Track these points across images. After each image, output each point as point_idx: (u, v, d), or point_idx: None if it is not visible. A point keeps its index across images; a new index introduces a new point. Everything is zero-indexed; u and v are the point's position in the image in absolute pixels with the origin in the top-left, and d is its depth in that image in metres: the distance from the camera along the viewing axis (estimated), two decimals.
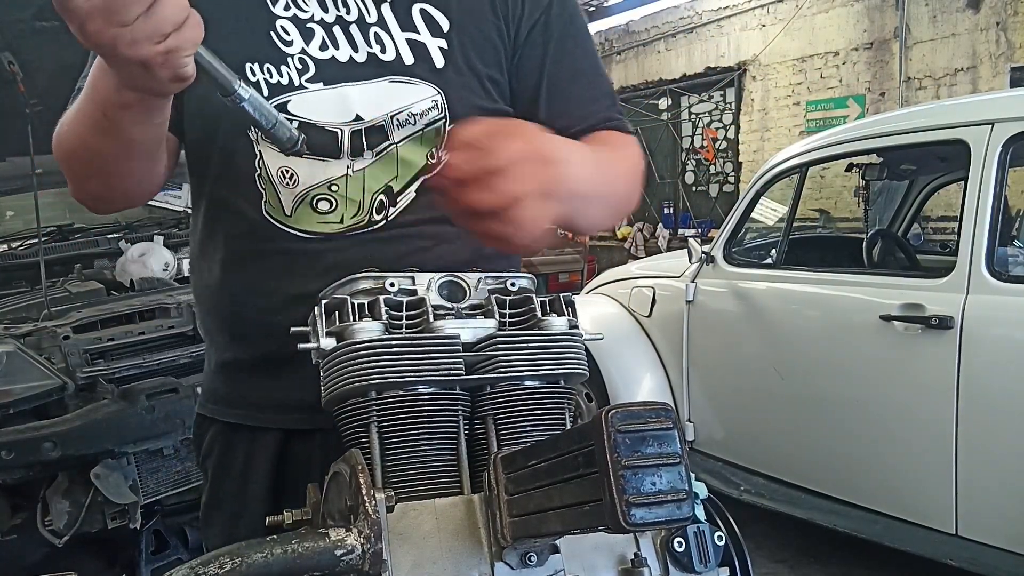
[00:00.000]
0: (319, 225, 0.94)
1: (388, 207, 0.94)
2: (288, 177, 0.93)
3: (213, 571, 0.59)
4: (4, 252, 3.24)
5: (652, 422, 0.53)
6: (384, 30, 0.92)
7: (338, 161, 0.93)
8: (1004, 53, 6.87)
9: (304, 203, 0.93)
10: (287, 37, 0.91)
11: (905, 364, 2.50)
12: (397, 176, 0.94)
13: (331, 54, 0.92)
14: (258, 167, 0.94)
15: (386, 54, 0.92)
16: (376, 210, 0.94)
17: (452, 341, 0.76)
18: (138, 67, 0.71)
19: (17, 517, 2.37)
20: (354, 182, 0.93)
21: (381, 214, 0.94)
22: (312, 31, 0.92)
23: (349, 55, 0.92)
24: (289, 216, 0.94)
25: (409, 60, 0.92)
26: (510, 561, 0.67)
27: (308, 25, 0.92)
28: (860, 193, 5.32)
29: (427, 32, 0.93)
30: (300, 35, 0.92)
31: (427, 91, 0.93)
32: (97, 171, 0.90)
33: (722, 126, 9.78)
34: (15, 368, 2.22)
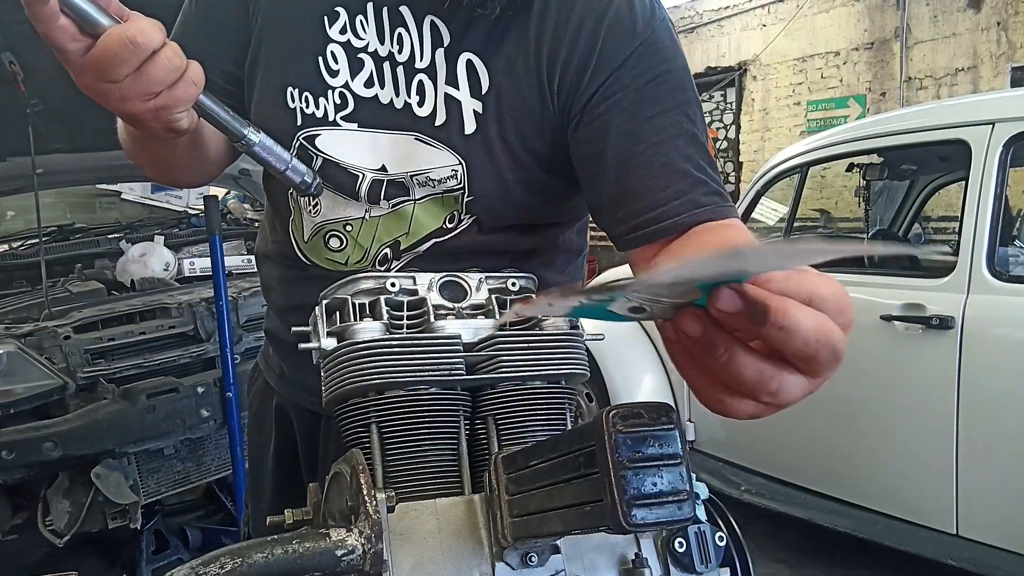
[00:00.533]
0: (327, 261, 0.97)
1: (391, 260, 0.94)
2: (312, 205, 0.95)
3: (214, 571, 0.59)
4: (5, 252, 3.24)
5: (653, 422, 0.53)
6: (430, 79, 0.87)
7: (357, 204, 0.92)
8: (1005, 53, 6.87)
9: (319, 235, 0.96)
10: (334, 67, 0.88)
11: (906, 364, 2.50)
12: (408, 233, 0.92)
13: (375, 92, 0.89)
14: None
15: (422, 108, 0.88)
16: (379, 262, 0.94)
17: (453, 341, 0.76)
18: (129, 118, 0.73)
19: (18, 517, 2.37)
20: (367, 227, 0.93)
21: (384, 267, 0.94)
22: (362, 62, 0.88)
23: (390, 98, 0.89)
24: (306, 243, 0.98)
25: (441, 119, 0.88)
26: (511, 561, 0.67)
27: (359, 56, 0.88)
28: (861, 193, 5.33)
29: (467, 90, 0.87)
30: (348, 65, 0.89)
31: (449, 159, 0.88)
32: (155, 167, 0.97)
33: (723, 126, 9.78)
34: (16, 368, 2.23)
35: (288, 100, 0.89)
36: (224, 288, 2.48)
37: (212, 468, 2.60)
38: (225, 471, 2.61)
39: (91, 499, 2.30)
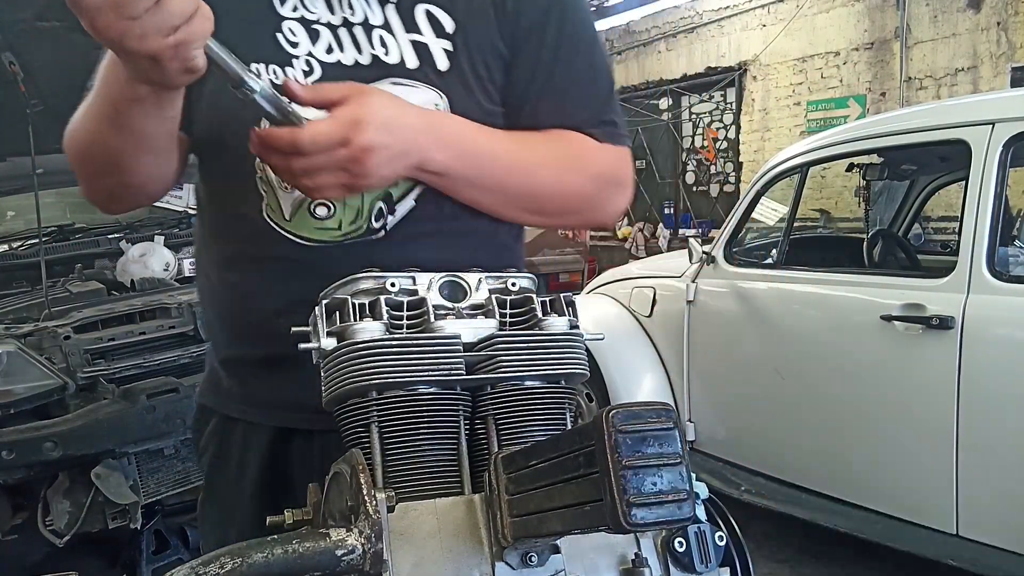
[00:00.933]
0: (317, 232, 0.93)
1: (387, 215, 0.93)
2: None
3: (214, 571, 0.59)
4: (5, 252, 3.25)
5: (653, 422, 0.53)
6: (388, 32, 0.92)
7: None
8: (1005, 53, 6.87)
9: (302, 208, 0.93)
10: (293, 38, 0.91)
11: (906, 364, 2.50)
12: (397, 183, 0.92)
13: (336, 57, 0.91)
14: (259, 169, 0.93)
15: (390, 56, 0.91)
16: (375, 218, 0.93)
17: (453, 341, 0.76)
18: (148, 60, 0.71)
19: (18, 517, 2.37)
20: None
21: (380, 222, 0.93)
22: (318, 32, 0.91)
23: (354, 58, 0.92)
24: (288, 220, 0.94)
25: (413, 63, 0.91)
26: (511, 561, 0.67)
27: (314, 27, 0.91)
28: (861, 193, 5.33)
29: (431, 33, 0.92)
30: (307, 36, 0.91)
31: (430, 95, 0.91)
32: (109, 168, 0.90)
33: (723, 126, 9.78)
34: (16, 368, 2.23)
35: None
36: None
37: None
38: None
39: (91, 499, 2.29)
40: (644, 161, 10.93)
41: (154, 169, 0.93)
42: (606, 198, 1.01)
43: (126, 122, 0.83)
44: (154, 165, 0.92)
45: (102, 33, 0.69)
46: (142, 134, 0.85)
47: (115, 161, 0.89)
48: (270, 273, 0.96)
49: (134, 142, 0.86)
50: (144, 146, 0.87)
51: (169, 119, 0.86)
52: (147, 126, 0.84)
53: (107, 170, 0.91)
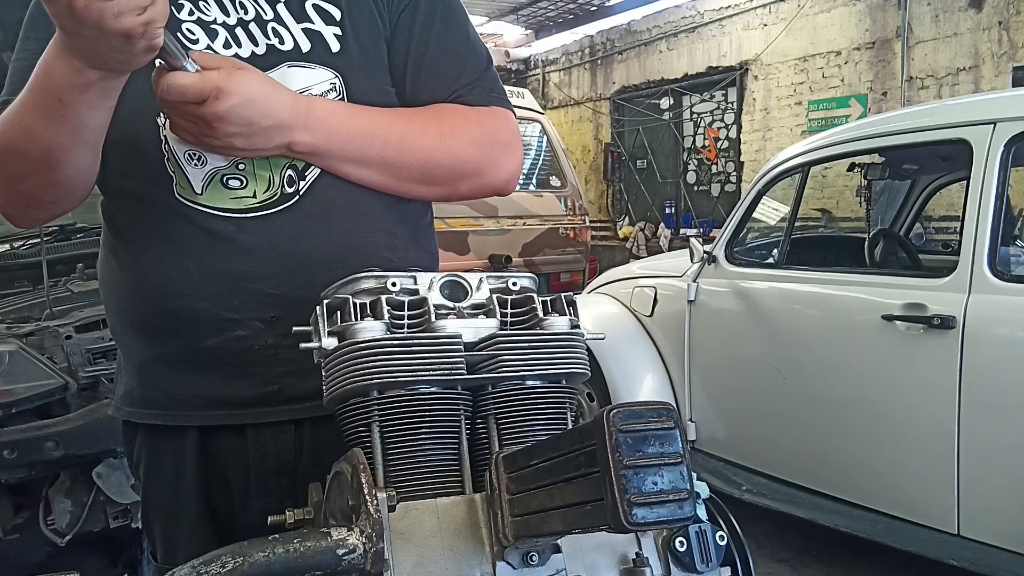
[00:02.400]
0: (232, 201, 0.96)
1: (298, 180, 0.97)
2: (195, 159, 0.95)
3: (215, 570, 0.59)
4: (6, 252, 3.24)
5: (654, 422, 0.53)
6: (281, 24, 0.98)
7: None
8: (1006, 52, 6.87)
9: (214, 181, 0.96)
10: (193, 37, 0.97)
11: (907, 364, 2.50)
12: None
13: (234, 51, 0.97)
14: (165, 151, 0.96)
15: (284, 44, 0.98)
16: (287, 183, 0.96)
17: (454, 341, 0.76)
18: (119, 39, 0.75)
19: (20, 516, 2.37)
20: (261, 159, 0.96)
21: (292, 187, 0.97)
22: (216, 31, 0.97)
23: (251, 51, 0.97)
24: (201, 195, 0.96)
25: (306, 47, 0.98)
26: (512, 561, 0.68)
27: (212, 27, 0.97)
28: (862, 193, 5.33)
29: (321, 22, 0.99)
30: (205, 35, 0.97)
31: (325, 74, 0.98)
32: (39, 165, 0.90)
33: (724, 126, 9.78)
34: (17, 368, 2.23)
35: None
36: None
37: None
38: None
39: (93, 498, 2.30)
40: (645, 160, 10.93)
41: (84, 165, 0.93)
42: (492, 160, 1.04)
43: (69, 113, 0.85)
44: (85, 160, 0.92)
45: (79, 13, 0.72)
46: (82, 125, 0.87)
47: (47, 156, 0.89)
48: (187, 251, 0.96)
49: (71, 133, 0.87)
50: (80, 138, 0.89)
51: (108, 109, 0.88)
52: (88, 116, 0.86)
53: (35, 168, 0.91)
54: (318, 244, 0.97)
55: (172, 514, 1.05)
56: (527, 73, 12.72)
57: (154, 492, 1.07)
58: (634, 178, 11.11)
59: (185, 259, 0.96)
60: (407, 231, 1.05)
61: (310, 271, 0.96)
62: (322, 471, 1.00)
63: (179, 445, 1.03)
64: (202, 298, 0.95)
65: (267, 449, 1.01)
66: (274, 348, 0.97)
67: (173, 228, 0.97)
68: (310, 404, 0.97)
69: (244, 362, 0.98)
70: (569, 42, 11.88)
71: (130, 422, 1.07)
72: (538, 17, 11.25)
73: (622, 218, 11.24)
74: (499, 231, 5.54)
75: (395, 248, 1.02)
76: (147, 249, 0.99)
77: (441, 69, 1.03)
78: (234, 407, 0.99)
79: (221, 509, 1.04)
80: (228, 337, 0.97)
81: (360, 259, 0.95)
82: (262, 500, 1.01)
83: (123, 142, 0.96)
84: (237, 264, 0.95)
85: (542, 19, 11.33)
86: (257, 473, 1.01)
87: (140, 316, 1.01)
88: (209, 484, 1.03)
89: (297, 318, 0.91)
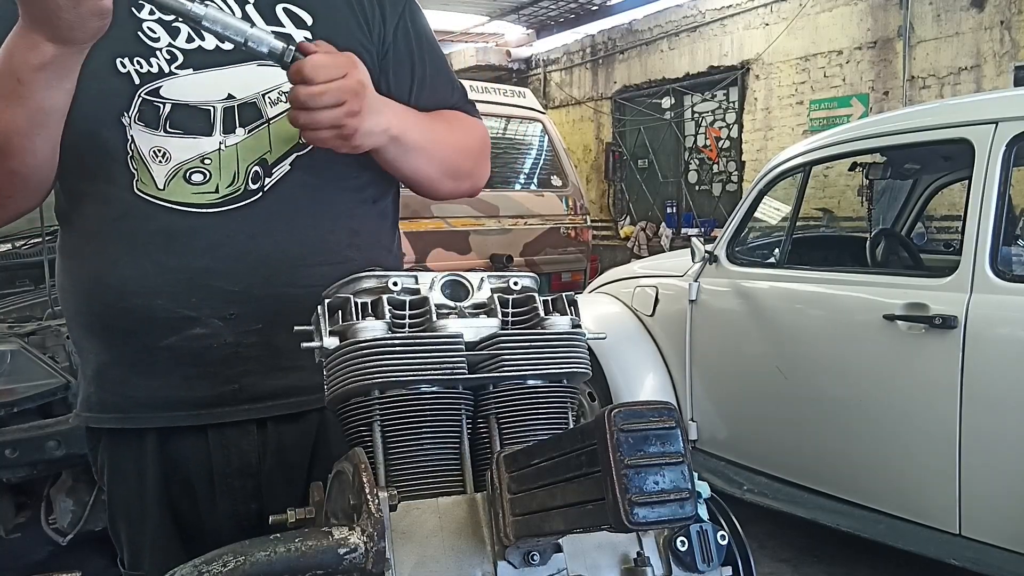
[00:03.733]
0: (194, 196, 0.95)
1: (264, 177, 0.97)
2: (160, 155, 0.95)
3: (217, 569, 0.59)
4: (7, 251, 3.25)
5: (655, 421, 0.53)
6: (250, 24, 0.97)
7: (210, 138, 0.96)
8: (1008, 52, 6.86)
9: (177, 176, 0.95)
10: (153, 35, 0.96)
11: (909, 364, 2.50)
12: (271, 150, 0.97)
13: (198, 44, 0.96)
14: (130, 149, 0.95)
15: None
16: (252, 179, 0.96)
17: (455, 340, 0.76)
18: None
19: (22, 515, 2.38)
20: (227, 156, 0.96)
21: (257, 184, 0.97)
22: (178, 29, 0.97)
23: (216, 44, 0.96)
24: (162, 190, 0.95)
25: None
26: (513, 560, 0.68)
27: (174, 25, 0.96)
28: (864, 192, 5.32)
29: (292, 26, 0.99)
30: (166, 32, 0.96)
31: None
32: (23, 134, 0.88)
33: (725, 125, 9.77)
34: (19, 367, 2.23)
35: (119, 67, 0.94)
36: None
37: None
38: None
39: (94, 498, 2.30)
40: (647, 160, 10.92)
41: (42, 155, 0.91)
42: (485, 162, 1.15)
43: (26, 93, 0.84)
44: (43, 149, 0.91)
45: None
46: (39, 109, 0.86)
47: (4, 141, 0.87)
48: (145, 248, 0.95)
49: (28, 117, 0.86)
50: (38, 121, 0.87)
51: (66, 91, 0.87)
52: (46, 98, 0.85)
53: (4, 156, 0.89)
54: (280, 241, 0.97)
55: (136, 519, 1.03)
56: (528, 73, 12.72)
57: (118, 497, 1.05)
58: (635, 178, 11.11)
59: (142, 257, 0.95)
60: (371, 230, 1.06)
61: (271, 268, 0.96)
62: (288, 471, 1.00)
63: (140, 449, 1.01)
64: (159, 296, 0.94)
65: (230, 451, 1.00)
66: (234, 346, 0.96)
67: (131, 225, 0.96)
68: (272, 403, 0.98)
69: (203, 361, 0.97)
70: (570, 41, 11.87)
71: (92, 428, 1.06)
72: (539, 17, 11.25)
73: (623, 218, 11.23)
74: (500, 231, 5.54)
75: (358, 247, 1.03)
76: (104, 249, 0.97)
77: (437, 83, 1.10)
78: (194, 408, 0.97)
79: (185, 513, 1.02)
80: (186, 336, 0.96)
81: (321, 257, 0.97)
82: (227, 503, 1.00)
83: (83, 143, 0.94)
84: (195, 260, 0.94)
85: (543, 19, 11.33)
86: (221, 475, 1.00)
87: (96, 317, 0.99)
88: (172, 488, 1.02)
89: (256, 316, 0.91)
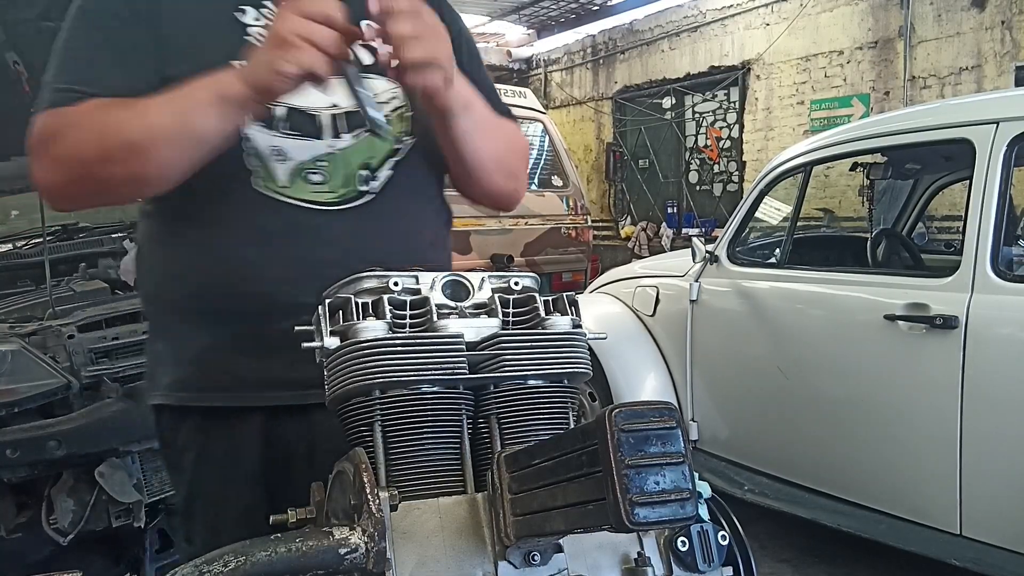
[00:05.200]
0: (313, 194, 1.03)
1: (371, 181, 1.06)
2: (279, 154, 1.01)
3: (218, 569, 0.59)
4: (9, 251, 3.25)
5: (656, 421, 0.53)
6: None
7: (321, 141, 1.05)
8: (1009, 52, 6.86)
9: (297, 175, 1.02)
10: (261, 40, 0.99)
11: (909, 364, 2.50)
12: (374, 156, 1.06)
13: None
14: (245, 148, 1.00)
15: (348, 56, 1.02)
16: (361, 182, 1.05)
17: (456, 340, 0.76)
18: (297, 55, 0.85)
19: (22, 515, 2.37)
20: (338, 159, 1.04)
21: (367, 185, 1.05)
22: None
23: None
24: (287, 187, 1.02)
25: (368, 60, 1.02)
26: (513, 560, 0.68)
27: None
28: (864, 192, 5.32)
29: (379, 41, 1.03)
30: None
31: (389, 84, 1.06)
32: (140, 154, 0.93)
33: (726, 125, 9.77)
34: (20, 367, 2.23)
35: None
36: None
37: None
38: None
39: (95, 498, 2.30)
40: (647, 160, 10.92)
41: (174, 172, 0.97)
42: (527, 171, 1.24)
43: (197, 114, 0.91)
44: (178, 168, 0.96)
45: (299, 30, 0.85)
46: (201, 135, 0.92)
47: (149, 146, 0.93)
48: (269, 239, 1.01)
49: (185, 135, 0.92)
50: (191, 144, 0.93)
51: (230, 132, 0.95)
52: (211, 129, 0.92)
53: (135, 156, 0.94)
54: (386, 240, 1.05)
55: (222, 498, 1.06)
56: (529, 73, 12.72)
57: (205, 475, 1.08)
58: (636, 178, 11.11)
59: (267, 247, 1.01)
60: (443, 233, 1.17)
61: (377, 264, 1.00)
62: None
63: (240, 428, 1.05)
64: (282, 283, 1.00)
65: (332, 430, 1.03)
66: None
67: (255, 217, 1.02)
68: None
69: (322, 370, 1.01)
70: (571, 41, 11.87)
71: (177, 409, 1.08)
72: (540, 17, 11.25)
73: (624, 218, 11.23)
74: (501, 231, 5.54)
75: (435, 248, 1.13)
76: (227, 239, 1.03)
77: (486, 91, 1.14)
78: (300, 388, 0.99)
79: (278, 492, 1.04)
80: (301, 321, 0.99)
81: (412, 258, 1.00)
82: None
83: None
84: (317, 252, 1.01)
85: (544, 19, 11.33)
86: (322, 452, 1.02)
87: (211, 301, 1.03)
88: (269, 467, 1.05)
89: None
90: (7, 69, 2.37)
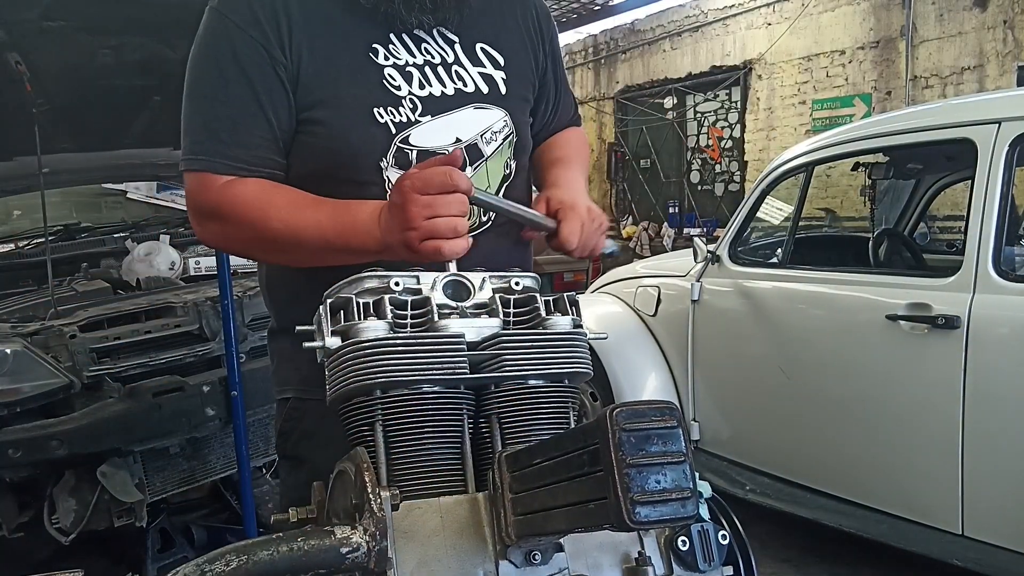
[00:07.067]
0: None
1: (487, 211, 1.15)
2: None
3: (220, 568, 0.60)
4: (11, 251, 3.26)
5: (657, 421, 0.53)
6: (462, 68, 1.16)
7: None
8: (1011, 51, 6.85)
9: None
10: (395, 83, 1.11)
11: (911, 364, 2.49)
12: (488, 185, 1.16)
13: (428, 91, 1.12)
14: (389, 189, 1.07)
15: (468, 87, 1.15)
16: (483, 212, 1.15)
17: (457, 340, 0.76)
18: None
19: (24, 515, 2.38)
20: None
21: (486, 215, 1.15)
22: (411, 74, 1.12)
23: (441, 91, 1.13)
24: None
25: (485, 90, 1.16)
26: (514, 559, 0.68)
27: (407, 70, 1.12)
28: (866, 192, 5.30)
29: (491, 66, 1.18)
30: (403, 79, 1.12)
31: (499, 113, 1.17)
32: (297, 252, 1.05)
33: (728, 125, 9.77)
34: (22, 367, 2.23)
35: (377, 117, 1.09)
36: (229, 287, 2.48)
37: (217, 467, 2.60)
38: (230, 470, 2.61)
39: (97, 497, 2.30)
40: (649, 160, 10.92)
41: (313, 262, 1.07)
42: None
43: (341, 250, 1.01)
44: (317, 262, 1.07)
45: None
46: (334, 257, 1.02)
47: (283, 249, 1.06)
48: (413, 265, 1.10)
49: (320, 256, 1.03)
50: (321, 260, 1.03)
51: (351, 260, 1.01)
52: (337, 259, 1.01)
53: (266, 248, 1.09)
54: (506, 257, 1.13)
55: None
56: None
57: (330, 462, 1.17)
58: (638, 177, 11.10)
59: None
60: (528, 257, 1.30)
61: None
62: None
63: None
64: None
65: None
66: None
67: None
68: None
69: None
70: (573, 41, 11.87)
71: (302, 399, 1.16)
72: None
73: (626, 217, 11.23)
74: None
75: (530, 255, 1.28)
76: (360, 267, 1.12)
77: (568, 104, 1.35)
78: None
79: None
80: None
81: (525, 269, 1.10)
82: None
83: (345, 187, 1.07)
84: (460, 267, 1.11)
85: None
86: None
87: None
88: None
89: None
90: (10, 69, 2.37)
